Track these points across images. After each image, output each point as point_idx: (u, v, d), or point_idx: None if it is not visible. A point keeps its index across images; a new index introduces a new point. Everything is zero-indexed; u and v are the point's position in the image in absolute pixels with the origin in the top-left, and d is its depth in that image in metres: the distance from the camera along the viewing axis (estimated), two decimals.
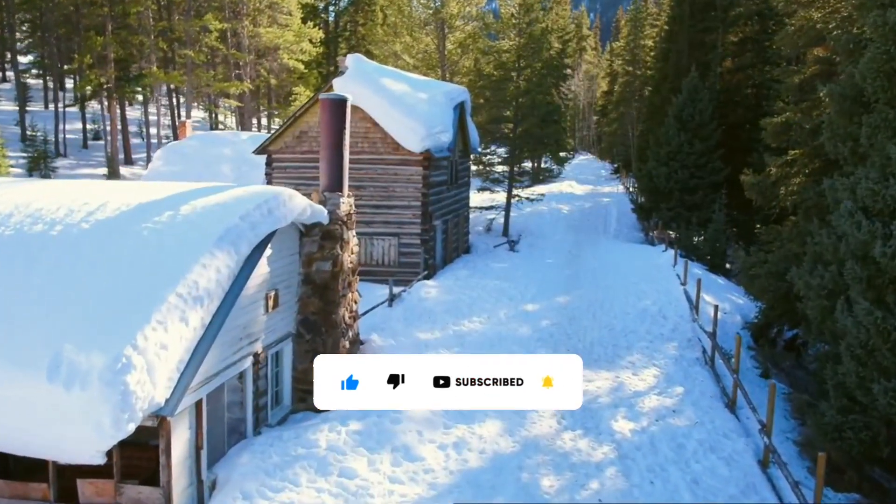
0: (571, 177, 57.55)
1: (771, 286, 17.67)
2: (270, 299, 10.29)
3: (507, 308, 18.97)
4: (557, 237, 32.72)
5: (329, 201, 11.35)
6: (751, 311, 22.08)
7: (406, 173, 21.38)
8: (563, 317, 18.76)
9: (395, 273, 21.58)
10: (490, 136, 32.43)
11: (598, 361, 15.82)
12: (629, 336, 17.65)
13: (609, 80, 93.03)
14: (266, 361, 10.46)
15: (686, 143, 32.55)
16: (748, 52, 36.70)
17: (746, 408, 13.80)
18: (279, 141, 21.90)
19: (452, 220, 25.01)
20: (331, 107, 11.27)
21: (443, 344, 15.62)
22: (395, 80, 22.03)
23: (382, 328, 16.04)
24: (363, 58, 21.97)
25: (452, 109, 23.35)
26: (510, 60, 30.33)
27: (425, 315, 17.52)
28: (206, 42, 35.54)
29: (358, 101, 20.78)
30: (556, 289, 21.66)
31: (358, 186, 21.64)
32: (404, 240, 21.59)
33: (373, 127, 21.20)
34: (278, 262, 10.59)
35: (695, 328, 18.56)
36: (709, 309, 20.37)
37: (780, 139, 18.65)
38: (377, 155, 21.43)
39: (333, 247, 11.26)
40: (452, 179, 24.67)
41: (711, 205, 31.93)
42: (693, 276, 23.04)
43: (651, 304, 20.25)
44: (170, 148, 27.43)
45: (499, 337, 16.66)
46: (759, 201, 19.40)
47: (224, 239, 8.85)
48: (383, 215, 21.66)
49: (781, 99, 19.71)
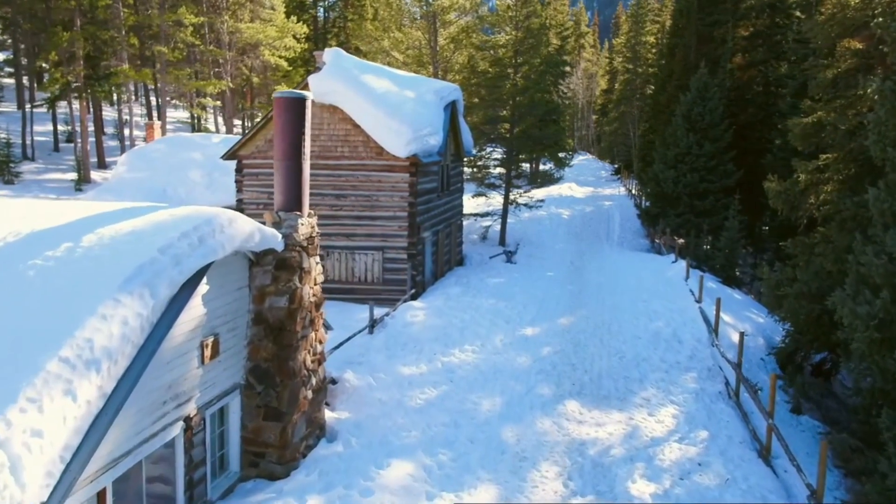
0: (571, 178, 55.67)
1: (802, 308, 15.77)
2: (208, 347, 8.34)
3: (504, 333, 17.03)
4: (558, 246, 30.79)
5: (285, 223, 9.40)
6: (774, 331, 20.21)
7: (391, 180, 19.43)
8: (567, 342, 16.83)
9: (379, 291, 19.67)
10: (485, 138, 30.50)
11: (608, 399, 13.89)
12: (642, 365, 15.73)
13: (608, 78, 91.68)
14: (203, 424, 8.50)
15: (695, 144, 30.70)
16: (760, 46, 34.93)
17: (783, 457, 11.95)
18: (250, 145, 19.94)
19: (444, 230, 23.06)
20: (286, 107, 9.32)
21: (429, 381, 13.67)
22: (379, 76, 20.08)
23: (360, 362, 14.09)
24: (342, 52, 20.02)
25: (443, 109, 21.42)
26: (506, 56, 28.41)
27: (410, 344, 15.56)
28: (182, 37, 33.52)
29: (337, 100, 18.88)
30: (559, 308, 19.72)
31: (338, 195, 19.72)
32: (389, 254, 19.64)
33: (354, 129, 19.26)
34: (219, 301, 8.63)
35: (714, 354, 16.66)
36: (728, 330, 18.52)
37: (810, 142, 16.75)
38: (359, 160, 19.49)
39: (290, 278, 9.30)
40: (443, 186, 22.73)
41: (723, 211, 30.09)
42: (708, 292, 21.15)
43: (664, 325, 18.34)
44: (135, 152, 25.47)
45: (494, 370, 14.72)
46: (786, 211, 17.49)
47: (135, 280, 6.90)
48: (366, 227, 19.71)
49: (810, 97, 17.79)
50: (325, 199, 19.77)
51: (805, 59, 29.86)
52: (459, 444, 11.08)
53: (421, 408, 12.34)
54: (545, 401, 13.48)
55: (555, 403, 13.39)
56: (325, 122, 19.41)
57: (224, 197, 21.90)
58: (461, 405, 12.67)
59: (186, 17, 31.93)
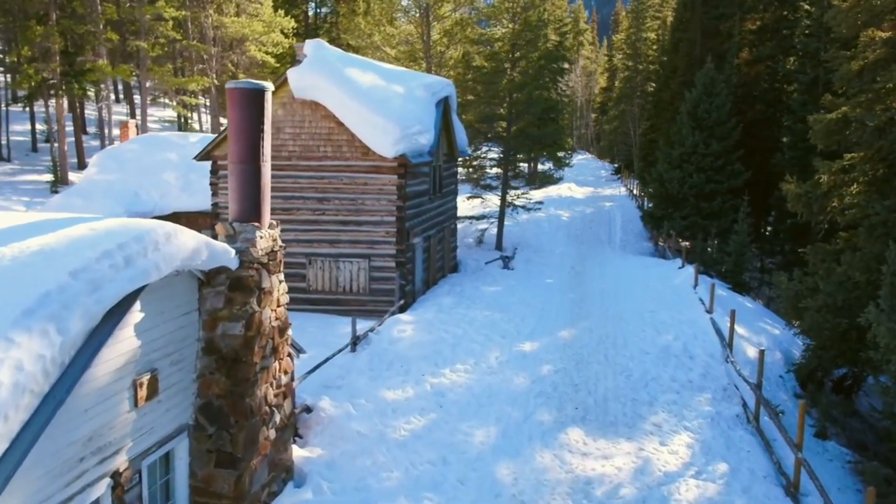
0: (570, 178, 54.40)
1: (826, 323, 14.49)
2: (142, 387, 7.01)
3: (500, 349, 15.71)
4: (558, 250, 29.47)
5: (240, 236, 8.06)
6: (791, 344, 18.92)
7: (378, 183, 18.10)
8: (569, 359, 15.52)
9: (365, 302, 18.35)
10: (481, 137, 29.18)
11: (614, 425, 12.58)
12: (651, 385, 14.42)
13: (608, 75, 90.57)
14: (139, 478, 7.16)
15: (701, 142, 29.44)
16: (768, 41, 33.65)
17: (814, 493, 10.67)
18: (225, 145, 18.53)
19: (436, 235, 21.74)
20: (242, 100, 7.98)
21: (416, 407, 12.34)
22: (364, 70, 18.74)
23: (339, 386, 12.77)
24: (324, 44, 18.68)
25: (434, 105, 20.10)
26: (503, 50, 27.08)
27: (397, 363, 14.23)
28: (163, 32, 32.15)
29: (319, 95, 17.56)
30: (559, 320, 18.41)
31: (321, 199, 18.40)
32: (376, 262, 18.31)
33: (337, 127, 17.93)
34: (158, 330, 7.31)
35: (729, 372, 15.35)
36: (742, 344, 17.22)
37: (833, 139, 15.46)
38: (343, 161, 18.16)
39: (247, 300, 7.98)
40: (435, 188, 21.40)
41: (731, 213, 28.83)
42: (719, 301, 19.84)
43: (673, 339, 17.05)
44: (107, 153, 24.10)
45: (488, 392, 13.40)
46: (806, 215, 16.21)
47: (36, 313, 5.57)
48: (351, 233, 18.38)
49: (833, 91, 16.52)
50: (306, 202, 18.45)
51: (817, 53, 28.68)
52: (448, 486, 9.76)
53: (405, 441, 11.02)
54: (545, 429, 12.17)
55: (556, 432, 12.09)
56: (307, 120, 18.09)
57: (201, 200, 20.58)
58: (451, 437, 11.35)
59: (166, 10, 30.57)
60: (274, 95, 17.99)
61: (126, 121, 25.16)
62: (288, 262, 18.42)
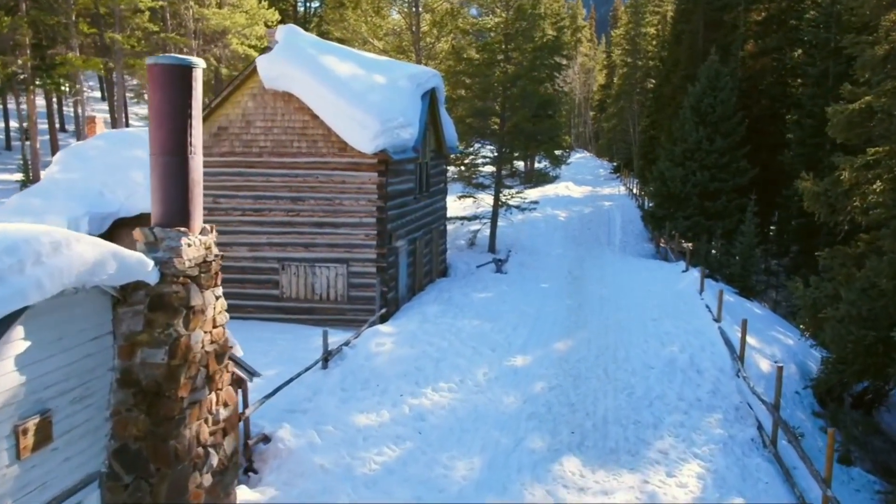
0: (568, 177, 53.17)
1: (849, 335, 13.15)
2: (27, 434, 5.65)
3: (489, 364, 14.35)
4: (554, 252, 28.11)
5: (163, 244, 6.70)
6: (806, 354, 17.61)
7: (356, 181, 16.74)
8: (565, 375, 14.18)
9: (343, 311, 16.99)
10: (473, 133, 27.81)
11: (615, 453, 11.24)
12: (655, 405, 13.08)
13: (607, 73, 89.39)
14: None
15: (705, 139, 28.13)
16: (774, 32, 32.34)
17: None
18: None
19: (422, 237, 20.37)
20: (163, 79, 6.62)
21: (391, 434, 10.98)
22: (343, 58, 17.37)
23: (305, 409, 11.41)
24: (298, 30, 17.32)
25: (420, 98, 18.74)
26: (496, 41, 25.73)
27: (373, 381, 12.87)
28: (139, 23, 30.74)
29: (291, 86, 16.20)
30: (555, 329, 17.06)
31: (294, 199, 17.04)
32: (355, 267, 16.95)
33: (312, 121, 16.56)
34: (53, 361, 5.95)
35: (741, 388, 14.02)
36: (754, 356, 15.87)
37: (855, 133, 14.13)
38: (319, 157, 16.79)
39: (170, 322, 6.62)
40: (421, 187, 20.04)
41: (736, 212, 27.53)
42: (727, 307, 18.50)
43: (679, 351, 15.71)
44: (70, 150, 22.52)
45: (474, 415, 12.05)
46: (824, 215, 14.88)
47: None
48: (328, 236, 17.01)
49: (853, 80, 15.20)
50: (279, 203, 17.09)
51: (827, 43, 27.40)
52: None
53: (375, 477, 9.66)
54: (537, 458, 10.83)
55: (549, 462, 10.75)
56: (279, 113, 16.72)
57: None
58: (429, 471, 9.99)
59: (142, 0, 29.15)
60: (243, 86, 16.71)
61: (92, 116, 23.70)
62: (259, 268, 17.08)
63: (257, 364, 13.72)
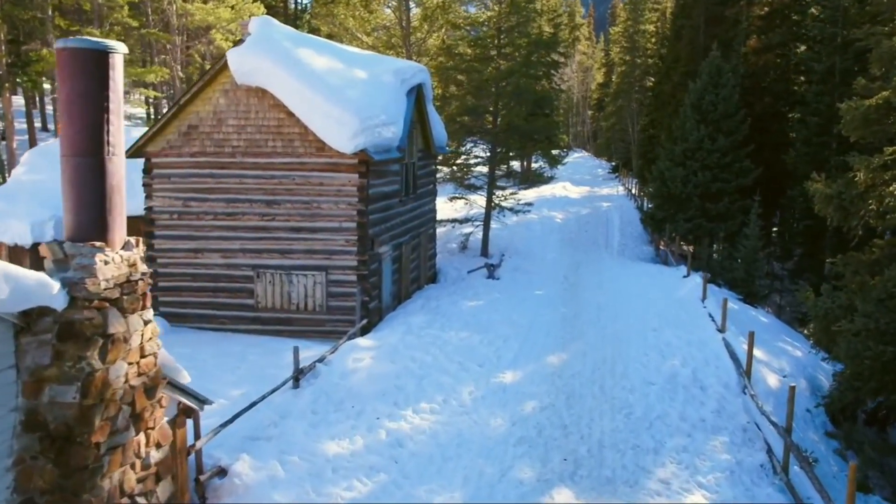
0: (566, 177, 52.22)
1: (867, 351, 12.16)
2: None
3: (476, 381, 13.35)
4: (550, 256, 27.11)
5: (73, 261, 5.68)
6: (816, 367, 16.63)
7: (335, 183, 15.72)
8: (558, 392, 13.19)
9: (322, 322, 15.99)
10: (465, 132, 26.80)
11: (612, 483, 10.25)
12: (656, 426, 12.09)
13: (605, 71, 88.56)
14: None
15: (707, 137, 27.13)
16: (777, 27, 31.34)
17: None
18: (159, 139, 16.20)
19: (409, 242, 19.36)
20: (74, 65, 5.61)
21: (364, 465, 9.98)
22: (320, 51, 16.34)
23: (270, 436, 10.38)
24: (273, 21, 16.30)
25: (406, 94, 17.74)
26: (488, 35, 24.73)
27: (348, 402, 11.86)
28: (117, 18, 29.68)
29: (265, 81, 15.19)
30: (548, 341, 16.07)
31: (269, 202, 16.03)
32: (335, 276, 15.93)
33: (288, 119, 15.55)
34: None
35: (748, 406, 13.04)
36: (761, 370, 14.88)
37: (870, 130, 13.15)
38: (295, 158, 15.78)
39: (83, 353, 5.61)
40: (408, 188, 19.03)
41: (739, 214, 26.54)
42: (732, 316, 17.50)
43: (681, 365, 14.73)
44: (38, 150, 21.67)
45: (458, 440, 11.06)
46: (837, 219, 13.89)
47: None
48: (305, 242, 16.00)
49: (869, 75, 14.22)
50: (253, 206, 16.07)
51: (833, 38, 26.43)
52: None
53: None
54: (525, 490, 9.85)
55: (539, 495, 9.77)
56: (253, 110, 15.70)
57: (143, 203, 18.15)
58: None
59: None
60: (215, 81, 15.68)
61: None
62: (233, 276, 16.08)
63: (224, 382, 12.75)
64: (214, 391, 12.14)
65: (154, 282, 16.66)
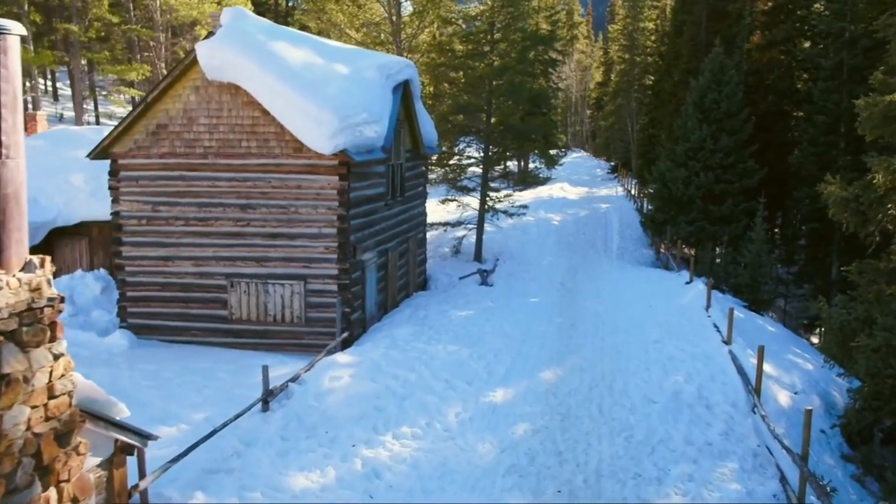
0: (563, 178, 51.30)
1: (889, 368, 11.21)
2: None
3: (463, 400, 12.37)
4: (546, 261, 26.15)
5: None
6: (829, 381, 15.68)
7: (314, 186, 14.75)
8: (552, 413, 12.22)
9: (301, 335, 15.03)
10: (457, 131, 25.83)
11: None
12: (658, 451, 11.14)
13: (604, 70, 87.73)
14: None
15: (709, 137, 26.21)
16: (782, 22, 30.43)
17: None
18: (126, 139, 15.22)
19: (396, 248, 18.39)
20: None
21: (335, 499, 8.99)
22: (297, 45, 15.36)
23: (232, 468, 9.41)
24: (246, 12, 15.34)
25: (391, 91, 16.78)
26: (480, 29, 23.77)
27: (322, 427, 10.89)
28: (96, 13, 28.69)
29: (237, 76, 14.24)
30: (543, 355, 15.11)
31: (244, 207, 15.07)
32: (314, 285, 14.96)
33: (263, 117, 14.58)
34: None
35: (758, 427, 12.10)
36: (772, 387, 13.93)
37: (891, 129, 12.20)
38: (271, 159, 14.81)
39: None
40: (394, 191, 18.06)
41: (743, 217, 25.62)
42: (738, 326, 16.54)
43: (685, 381, 13.79)
44: None
45: (441, 469, 10.09)
46: (854, 225, 12.94)
47: None
48: (282, 249, 15.03)
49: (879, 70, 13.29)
50: (227, 211, 15.09)
51: (841, 33, 25.51)
52: None
53: None
54: None
55: None
56: (225, 108, 14.73)
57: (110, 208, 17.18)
58: None
59: None
60: (184, 77, 14.71)
61: (34, 113, 21.73)
62: (205, 285, 15.11)
63: (187, 404, 11.75)
64: (176, 415, 11.21)
65: (122, 291, 15.70)
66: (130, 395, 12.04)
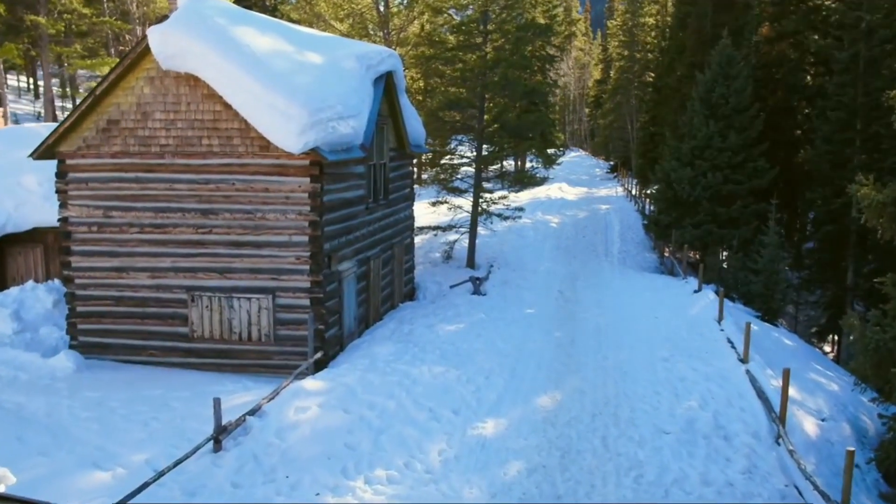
0: (562, 178, 50.00)
1: None
2: None
3: (449, 434, 10.93)
4: (543, 267, 24.72)
5: None
6: (857, 405, 14.26)
7: (283, 188, 13.29)
8: (550, 448, 10.80)
9: (269, 355, 13.59)
10: (449, 128, 24.40)
11: None
12: (673, 493, 9.83)
13: (602, 67, 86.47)
14: None
15: (717, 134, 24.81)
16: (791, 13, 29.06)
17: None
18: (74, 136, 13.75)
19: (379, 256, 16.94)
20: None
21: None
22: (264, 31, 13.91)
23: None
24: None
25: (372, 83, 15.33)
26: (472, 19, 22.35)
27: (282, 469, 9.44)
28: (66, 5, 27.20)
29: (195, 66, 12.81)
30: (539, 376, 13.69)
31: (205, 212, 13.61)
32: (284, 299, 13.49)
33: (225, 111, 13.13)
34: None
35: (784, 463, 10.75)
36: (796, 413, 12.48)
37: None
38: (235, 158, 13.36)
39: None
40: (377, 194, 16.61)
41: (753, 220, 24.22)
42: (755, 342, 15.10)
43: (699, 406, 12.41)
44: None
45: None
46: (891, 232, 11.53)
47: None
48: (248, 259, 13.57)
49: None
50: (186, 216, 13.63)
51: (857, 24, 24.13)
52: None
53: None
54: None
55: None
56: (184, 102, 13.27)
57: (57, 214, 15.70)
58: None
59: None
60: (137, 67, 13.25)
61: None
62: (163, 300, 13.66)
63: (128, 442, 10.25)
64: (114, 455, 9.76)
65: (71, 306, 14.23)
66: (65, 430, 10.63)
